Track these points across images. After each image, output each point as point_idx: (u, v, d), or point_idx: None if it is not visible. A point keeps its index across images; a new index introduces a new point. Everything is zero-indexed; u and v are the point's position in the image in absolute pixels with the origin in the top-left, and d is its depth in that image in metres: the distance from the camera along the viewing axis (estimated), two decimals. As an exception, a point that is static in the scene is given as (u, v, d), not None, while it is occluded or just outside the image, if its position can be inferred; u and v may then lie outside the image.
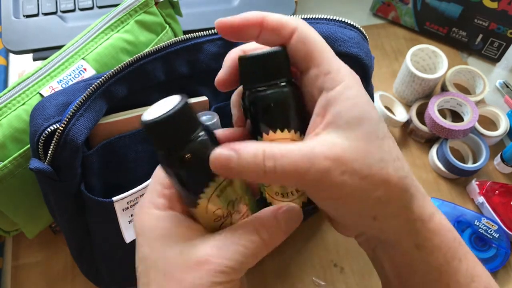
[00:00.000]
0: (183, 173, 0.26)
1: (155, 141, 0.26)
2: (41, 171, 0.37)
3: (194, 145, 0.26)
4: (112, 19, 0.46)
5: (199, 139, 0.26)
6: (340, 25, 0.43)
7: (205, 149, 0.26)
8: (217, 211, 0.28)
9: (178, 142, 0.26)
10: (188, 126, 0.26)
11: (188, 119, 0.26)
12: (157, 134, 0.25)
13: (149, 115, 0.25)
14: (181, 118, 0.25)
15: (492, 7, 0.65)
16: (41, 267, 0.53)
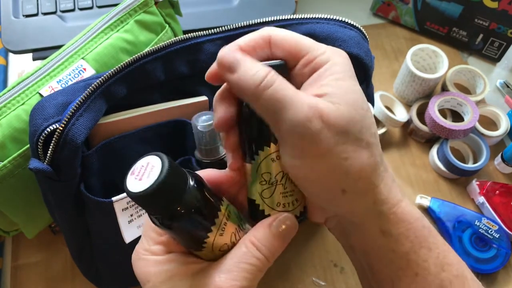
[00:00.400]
0: (183, 229, 0.27)
1: (147, 209, 0.26)
2: (41, 171, 0.37)
3: (187, 201, 0.26)
4: (112, 18, 0.46)
5: (190, 192, 0.26)
6: (340, 25, 0.43)
7: (198, 200, 0.26)
8: (223, 247, 0.28)
9: (171, 204, 0.25)
10: (178, 186, 0.25)
11: (176, 180, 0.25)
12: (149, 203, 0.25)
13: (133, 184, 0.25)
14: (170, 183, 0.24)
15: (492, 6, 0.65)
16: (40, 267, 0.53)
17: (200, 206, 0.26)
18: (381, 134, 0.62)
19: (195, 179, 0.27)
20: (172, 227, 0.26)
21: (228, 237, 0.28)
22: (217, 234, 0.27)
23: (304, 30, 0.43)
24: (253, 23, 0.43)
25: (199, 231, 0.27)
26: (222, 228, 0.28)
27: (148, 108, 0.42)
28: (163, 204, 0.25)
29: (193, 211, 0.26)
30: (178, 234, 0.27)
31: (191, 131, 0.42)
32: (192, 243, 0.28)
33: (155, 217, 0.26)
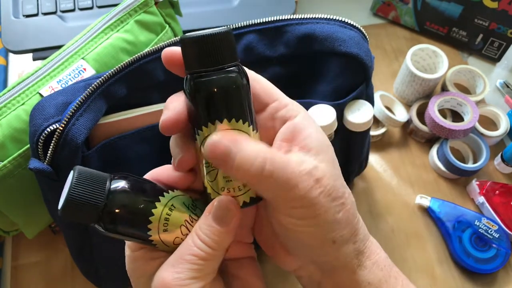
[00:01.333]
0: (121, 232, 0.26)
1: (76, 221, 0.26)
2: (41, 171, 0.37)
3: (109, 206, 0.25)
4: (112, 18, 0.46)
5: (110, 198, 0.26)
6: (340, 25, 0.43)
7: (120, 203, 0.26)
8: (176, 241, 0.28)
9: (91, 213, 0.25)
10: (92, 195, 0.25)
11: (88, 189, 0.25)
12: (70, 217, 0.25)
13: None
14: (80, 194, 0.25)
15: (492, 7, 0.65)
16: (40, 267, 0.53)
17: (124, 207, 0.26)
18: (381, 134, 0.62)
19: (126, 183, 0.26)
20: (110, 231, 0.26)
21: (178, 231, 0.27)
22: (160, 231, 0.27)
23: (304, 30, 0.43)
24: (253, 23, 0.43)
25: (137, 231, 0.27)
26: (165, 224, 0.27)
27: (148, 108, 0.42)
28: (82, 215, 0.25)
29: (117, 214, 0.26)
30: (121, 236, 0.27)
31: (191, 131, 0.42)
32: (142, 242, 0.27)
33: (91, 226, 0.26)
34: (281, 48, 0.44)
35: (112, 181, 0.26)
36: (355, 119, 0.45)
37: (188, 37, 0.25)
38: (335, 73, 0.45)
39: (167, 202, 0.27)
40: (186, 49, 0.25)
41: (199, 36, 0.25)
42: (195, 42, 0.25)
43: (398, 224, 0.57)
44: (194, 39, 0.25)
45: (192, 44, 0.25)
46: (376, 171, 0.62)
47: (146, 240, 0.27)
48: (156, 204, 0.27)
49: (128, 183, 0.27)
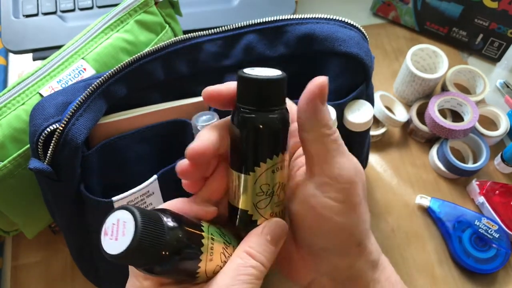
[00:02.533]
0: (173, 270, 0.26)
1: (132, 265, 0.26)
2: (41, 171, 0.37)
3: (170, 245, 0.25)
4: (112, 18, 0.46)
5: (170, 235, 0.25)
6: (340, 25, 0.43)
7: (179, 239, 0.25)
8: (216, 269, 0.28)
9: (155, 255, 0.24)
10: (156, 235, 0.24)
11: (153, 229, 0.24)
12: (133, 260, 0.24)
13: (111, 246, 0.23)
14: (147, 235, 0.23)
15: (492, 7, 0.65)
16: (40, 267, 0.53)
17: (183, 243, 0.25)
18: (381, 134, 0.62)
19: (171, 217, 0.26)
20: (161, 273, 0.26)
21: (218, 259, 0.28)
22: (207, 261, 0.27)
23: (304, 30, 0.43)
24: (253, 23, 0.43)
25: (189, 266, 0.26)
26: (210, 253, 0.27)
27: (148, 108, 0.42)
28: (147, 257, 0.24)
29: (178, 251, 0.25)
30: (169, 275, 0.27)
31: (191, 131, 0.42)
32: (184, 278, 0.27)
33: (142, 269, 0.26)
34: (281, 48, 0.44)
35: (166, 220, 0.25)
36: (355, 119, 0.45)
37: (253, 78, 0.27)
38: (335, 73, 0.45)
39: (208, 230, 0.28)
40: (247, 87, 0.27)
41: (263, 80, 0.27)
42: (258, 83, 0.27)
43: (398, 224, 0.57)
44: (258, 81, 0.27)
45: (254, 84, 0.27)
46: (376, 171, 0.62)
47: (192, 275, 0.27)
48: (203, 234, 0.27)
49: (173, 218, 0.26)
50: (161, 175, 0.41)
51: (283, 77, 0.27)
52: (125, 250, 0.23)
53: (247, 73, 0.27)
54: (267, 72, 0.27)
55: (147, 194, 0.42)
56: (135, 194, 0.41)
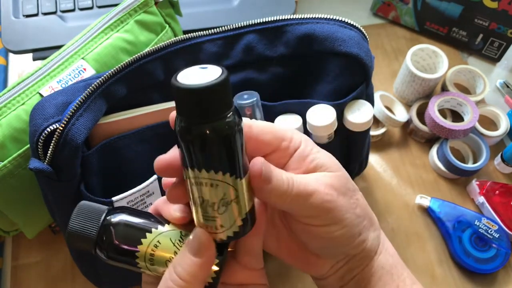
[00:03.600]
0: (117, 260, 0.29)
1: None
2: (41, 171, 0.37)
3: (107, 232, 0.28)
4: (112, 18, 0.46)
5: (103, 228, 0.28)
6: (340, 25, 0.43)
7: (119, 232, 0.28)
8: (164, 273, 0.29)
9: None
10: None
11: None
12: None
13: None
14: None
15: (492, 7, 0.65)
16: (40, 267, 0.53)
17: (115, 242, 0.28)
18: (381, 134, 0.62)
19: (114, 216, 0.29)
20: (108, 259, 0.29)
21: (165, 266, 0.28)
22: (148, 265, 0.28)
23: (304, 30, 0.43)
24: (253, 23, 0.43)
25: (130, 265, 0.29)
26: (150, 260, 0.28)
27: (148, 108, 0.42)
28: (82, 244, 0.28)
29: (110, 247, 0.28)
30: (123, 265, 0.29)
31: (191, 131, 0.42)
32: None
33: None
34: (281, 48, 0.44)
35: (108, 215, 0.29)
36: (355, 119, 0.45)
37: (183, 87, 0.23)
38: (335, 73, 0.45)
39: (152, 240, 0.28)
40: (180, 97, 0.24)
41: (195, 88, 0.23)
42: (190, 93, 0.23)
43: (398, 224, 0.57)
44: (189, 90, 0.23)
45: (186, 94, 0.23)
46: (376, 171, 0.62)
47: (139, 272, 0.29)
48: (142, 241, 0.28)
49: (123, 217, 0.29)
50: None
51: (216, 82, 0.23)
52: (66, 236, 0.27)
53: (176, 81, 0.23)
54: (207, 72, 0.24)
55: (147, 194, 0.42)
56: (135, 194, 0.41)
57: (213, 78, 0.23)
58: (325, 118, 0.43)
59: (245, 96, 0.42)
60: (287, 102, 0.44)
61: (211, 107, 0.24)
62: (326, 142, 0.46)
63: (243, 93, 0.42)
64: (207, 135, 0.24)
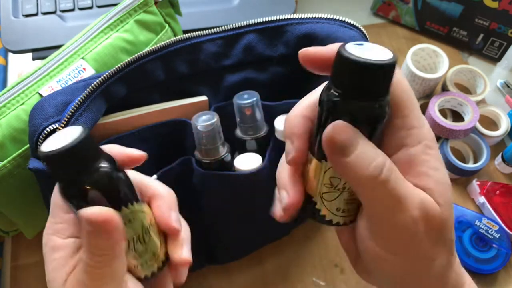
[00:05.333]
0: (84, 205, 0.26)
1: (53, 173, 0.26)
2: (40, 171, 0.37)
3: (95, 176, 0.25)
4: (112, 18, 0.46)
5: (100, 169, 0.26)
6: (340, 25, 0.43)
7: (104, 182, 0.26)
8: None
9: (78, 173, 0.25)
10: (87, 157, 0.25)
11: (88, 150, 0.25)
12: (57, 165, 0.25)
13: (47, 146, 0.25)
14: (81, 150, 0.25)
15: (493, 6, 0.65)
16: (40, 268, 0.52)
17: (104, 188, 0.26)
18: (381, 134, 0.62)
19: (112, 163, 0.27)
20: (74, 197, 0.26)
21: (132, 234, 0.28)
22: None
23: (304, 30, 0.43)
24: (253, 23, 0.43)
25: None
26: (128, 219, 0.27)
27: (148, 108, 0.42)
28: (70, 166, 0.25)
29: (84, 193, 0.25)
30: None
31: (191, 131, 0.42)
32: None
33: (61, 186, 0.26)
34: (281, 48, 0.44)
35: (100, 162, 0.26)
36: (356, 119, 0.45)
37: (352, 60, 0.22)
38: (335, 73, 0.44)
39: (131, 212, 0.27)
40: (344, 68, 0.23)
41: (364, 63, 0.22)
42: (357, 66, 0.22)
43: (398, 224, 0.57)
44: (357, 64, 0.22)
45: (352, 67, 0.22)
46: (376, 171, 0.61)
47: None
48: (122, 208, 0.27)
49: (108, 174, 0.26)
50: (161, 175, 0.41)
51: (390, 62, 0.22)
52: (57, 149, 0.24)
53: (348, 52, 0.22)
54: (375, 52, 0.22)
55: (147, 194, 0.42)
56: (135, 194, 0.41)
57: (387, 56, 0.22)
58: (325, 118, 0.43)
59: (245, 96, 0.42)
60: (287, 102, 0.44)
61: (378, 86, 0.23)
62: (326, 142, 0.45)
63: (243, 93, 0.42)
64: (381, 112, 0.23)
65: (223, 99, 0.45)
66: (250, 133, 0.43)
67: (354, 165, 0.22)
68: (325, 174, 0.25)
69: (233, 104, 0.42)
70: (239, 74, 0.44)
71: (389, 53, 0.23)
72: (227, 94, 0.44)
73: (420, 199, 0.24)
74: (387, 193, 0.23)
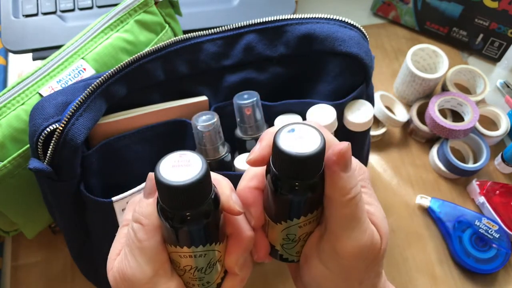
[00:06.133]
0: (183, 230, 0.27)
1: (163, 197, 0.26)
2: (41, 171, 0.37)
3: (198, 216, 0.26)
4: (112, 18, 0.46)
5: (205, 213, 0.26)
6: (340, 25, 0.43)
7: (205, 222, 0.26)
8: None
9: (188, 207, 0.25)
10: (203, 194, 0.25)
11: (205, 187, 0.25)
12: (174, 196, 0.25)
13: (165, 171, 0.25)
14: (201, 186, 0.25)
15: (492, 6, 0.65)
16: (40, 267, 0.53)
17: (199, 228, 0.26)
18: (381, 134, 0.62)
19: (217, 204, 0.27)
20: (171, 220, 0.26)
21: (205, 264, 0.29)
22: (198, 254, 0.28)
23: (304, 30, 0.43)
24: (253, 23, 0.43)
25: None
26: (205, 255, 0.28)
27: (148, 108, 0.42)
28: (188, 202, 0.25)
29: (193, 226, 0.26)
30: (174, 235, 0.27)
31: (191, 131, 0.42)
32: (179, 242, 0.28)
33: (164, 208, 0.26)
34: (281, 48, 0.44)
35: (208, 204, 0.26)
36: (355, 119, 0.45)
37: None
38: (335, 73, 0.45)
39: (213, 249, 0.28)
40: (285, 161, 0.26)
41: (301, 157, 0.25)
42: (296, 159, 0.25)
43: (398, 224, 0.57)
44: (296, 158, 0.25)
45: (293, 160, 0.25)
46: (376, 171, 0.61)
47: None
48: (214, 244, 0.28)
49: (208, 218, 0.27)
50: (161, 175, 0.41)
51: (319, 150, 0.25)
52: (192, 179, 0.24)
53: (280, 144, 0.25)
54: (306, 139, 0.25)
55: (147, 194, 0.42)
56: (135, 194, 0.41)
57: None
58: (325, 118, 0.43)
59: (245, 96, 0.42)
60: (287, 102, 0.44)
61: (315, 169, 0.26)
62: (326, 142, 0.45)
63: (243, 93, 0.42)
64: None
65: (223, 99, 0.45)
66: (250, 133, 0.43)
67: (347, 180, 0.26)
68: (283, 232, 0.29)
69: (233, 104, 0.43)
70: (239, 74, 0.44)
71: (317, 139, 0.25)
72: (227, 94, 0.44)
73: (371, 228, 0.28)
74: (354, 213, 0.27)
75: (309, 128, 0.26)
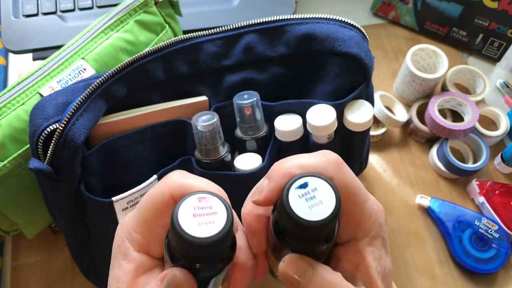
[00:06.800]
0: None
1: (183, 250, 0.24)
2: (41, 171, 0.37)
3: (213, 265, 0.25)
4: (112, 18, 0.46)
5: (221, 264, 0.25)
6: (340, 25, 0.43)
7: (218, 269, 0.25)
8: None
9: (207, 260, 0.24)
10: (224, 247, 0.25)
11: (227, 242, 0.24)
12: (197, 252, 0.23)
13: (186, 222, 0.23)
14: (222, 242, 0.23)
15: (492, 6, 0.65)
16: (40, 267, 0.53)
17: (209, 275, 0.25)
18: (381, 134, 0.62)
19: (232, 253, 0.26)
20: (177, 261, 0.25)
21: None
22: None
23: (304, 30, 0.43)
24: (253, 23, 0.43)
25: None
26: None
27: (148, 108, 0.42)
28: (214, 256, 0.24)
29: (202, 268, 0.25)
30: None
31: (191, 131, 0.42)
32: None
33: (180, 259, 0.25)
34: (281, 48, 0.44)
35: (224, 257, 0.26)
36: (355, 119, 0.45)
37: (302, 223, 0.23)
38: (335, 73, 0.45)
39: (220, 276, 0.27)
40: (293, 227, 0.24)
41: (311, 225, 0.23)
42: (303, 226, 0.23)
43: (398, 224, 0.57)
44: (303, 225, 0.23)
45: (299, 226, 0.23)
46: (376, 171, 0.61)
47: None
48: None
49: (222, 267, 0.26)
50: (161, 175, 0.41)
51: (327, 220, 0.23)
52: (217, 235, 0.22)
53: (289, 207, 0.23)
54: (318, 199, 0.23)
55: (147, 194, 0.42)
56: (135, 194, 0.41)
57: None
58: (325, 118, 0.43)
59: (245, 96, 0.42)
60: (287, 102, 0.44)
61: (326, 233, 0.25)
62: (326, 142, 0.46)
63: (243, 93, 0.42)
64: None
65: (223, 99, 0.45)
66: (250, 133, 0.43)
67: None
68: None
69: (233, 104, 0.43)
70: (239, 74, 0.44)
71: (332, 201, 0.23)
72: (227, 94, 0.44)
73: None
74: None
75: (324, 185, 0.23)
